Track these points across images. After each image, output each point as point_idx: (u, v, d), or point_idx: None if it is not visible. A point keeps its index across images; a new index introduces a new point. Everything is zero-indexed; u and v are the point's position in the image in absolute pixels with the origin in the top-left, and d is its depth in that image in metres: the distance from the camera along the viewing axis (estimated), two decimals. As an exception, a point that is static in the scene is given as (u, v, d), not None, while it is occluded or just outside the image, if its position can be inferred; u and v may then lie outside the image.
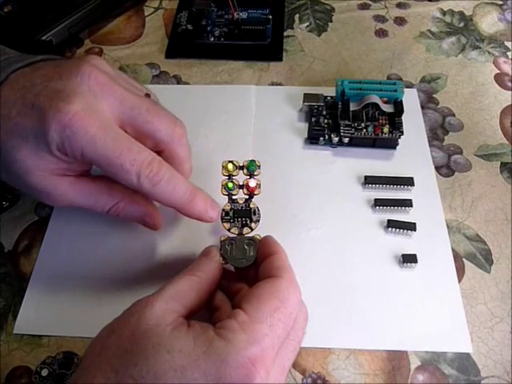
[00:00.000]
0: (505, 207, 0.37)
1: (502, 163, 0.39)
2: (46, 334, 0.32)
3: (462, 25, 0.50)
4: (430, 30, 0.49)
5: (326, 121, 0.40)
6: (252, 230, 0.31)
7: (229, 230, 0.31)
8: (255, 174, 0.32)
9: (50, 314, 0.33)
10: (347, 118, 0.38)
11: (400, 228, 0.35)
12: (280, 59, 0.47)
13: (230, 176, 0.32)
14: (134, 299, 0.29)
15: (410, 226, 0.35)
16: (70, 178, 0.30)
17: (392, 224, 0.35)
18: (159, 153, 0.30)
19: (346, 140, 0.39)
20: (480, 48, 0.47)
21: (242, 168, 0.32)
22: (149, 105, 0.30)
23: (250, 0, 0.50)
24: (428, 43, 0.48)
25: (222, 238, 0.30)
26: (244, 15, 0.49)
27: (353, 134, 0.38)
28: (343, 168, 0.39)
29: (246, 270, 0.29)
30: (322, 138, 0.39)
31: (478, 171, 0.39)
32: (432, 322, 0.32)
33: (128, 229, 0.36)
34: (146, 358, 0.22)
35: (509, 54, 0.47)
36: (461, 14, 0.51)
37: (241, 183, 0.32)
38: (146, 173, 0.28)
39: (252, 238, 0.30)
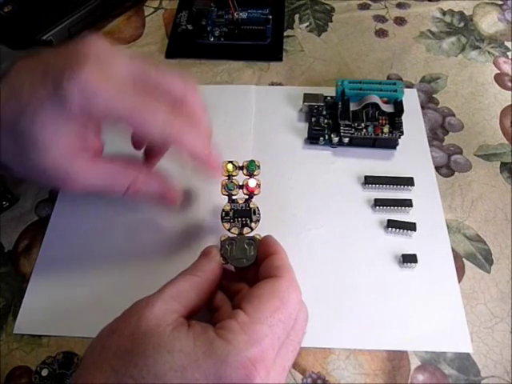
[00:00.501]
0: (505, 207, 0.37)
1: (501, 163, 0.39)
2: (45, 334, 0.32)
3: (461, 25, 0.50)
4: (430, 30, 0.49)
5: (326, 121, 0.40)
6: (252, 229, 0.31)
7: (229, 229, 0.31)
8: (255, 174, 0.32)
9: (50, 313, 0.33)
10: (347, 118, 0.38)
11: (400, 228, 0.35)
12: (280, 59, 0.47)
13: (229, 176, 0.32)
14: (134, 299, 0.29)
15: (410, 226, 0.35)
16: (87, 156, 0.30)
17: (392, 224, 0.35)
18: None
19: (346, 140, 0.39)
20: (480, 48, 0.47)
21: (241, 168, 0.32)
22: (156, 65, 0.31)
23: (249, 0, 0.50)
24: (428, 43, 0.48)
25: (223, 238, 0.30)
26: (244, 15, 0.49)
27: (353, 133, 0.38)
28: (343, 168, 0.39)
29: (246, 270, 0.29)
30: (322, 138, 0.39)
31: (478, 171, 0.39)
32: (432, 322, 0.32)
33: (128, 229, 0.36)
34: (146, 358, 0.22)
35: (509, 53, 0.47)
36: (461, 14, 0.51)
37: (240, 183, 0.32)
38: (171, 119, 0.29)
39: (252, 238, 0.30)
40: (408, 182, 0.37)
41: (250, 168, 0.32)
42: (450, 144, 0.41)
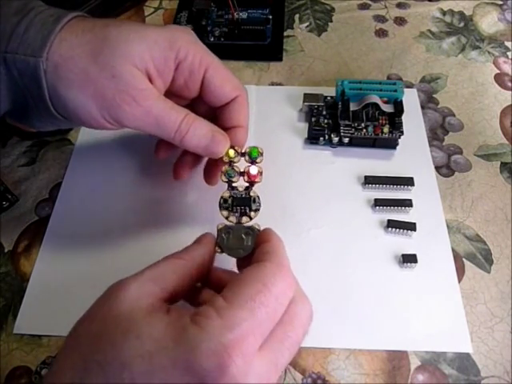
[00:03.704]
0: (505, 207, 0.37)
1: (501, 163, 0.39)
2: (45, 333, 0.32)
3: (462, 25, 0.50)
4: (430, 30, 0.49)
5: (326, 121, 0.40)
6: (251, 219, 0.29)
7: (227, 218, 0.29)
8: (257, 161, 0.31)
9: (50, 314, 0.33)
10: (347, 118, 0.38)
11: (400, 228, 0.35)
12: (280, 59, 0.47)
13: (230, 162, 0.31)
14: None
15: (410, 226, 0.35)
16: (154, 87, 0.30)
17: (392, 224, 0.35)
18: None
19: (346, 140, 0.39)
20: (480, 48, 0.47)
21: (243, 155, 0.31)
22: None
23: (249, 0, 0.50)
24: (428, 43, 0.48)
25: (219, 227, 0.29)
26: (244, 15, 0.49)
27: (353, 133, 0.38)
28: (343, 168, 0.39)
29: (244, 262, 0.28)
30: (322, 138, 0.39)
31: (478, 171, 0.39)
32: (432, 322, 0.32)
33: (127, 229, 0.36)
34: (113, 344, 0.21)
35: (509, 53, 0.47)
36: (461, 13, 0.51)
37: (242, 170, 0.30)
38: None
39: (250, 228, 0.28)
40: (408, 182, 0.37)
41: (253, 155, 0.31)
42: (449, 144, 0.41)
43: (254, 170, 0.30)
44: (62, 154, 0.41)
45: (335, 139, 0.39)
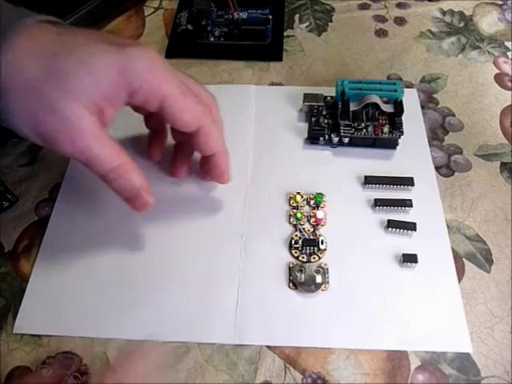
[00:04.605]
0: (505, 207, 0.37)
1: (501, 163, 0.39)
2: (45, 333, 0.32)
3: (462, 25, 0.50)
4: (430, 30, 0.49)
5: (326, 121, 0.40)
6: (320, 258, 0.34)
7: (297, 257, 0.34)
8: (321, 206, 0.36)
9: (50, 314, 0.33)
10: (347, 118, 0.38)
11: (400, 228, 0.35)
12: (280, 59, 0.47)
13: (297, 207, 0.36)
14: (133, 299, 0.29)
15: (410, 226, 0.35)
16: (98, 119, 0.29)
17: (392, 224, 0.35)
18: None
19: (346, 140, 0.39)
20: (480, 48, 0.47)
21: (308, 201, 0.36)
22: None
23: (249, 0, 0.50)
24: (428, 43, 0.48)
25: (292, 265, 0.33)
26: (244, 15, 0.49)
27: (353, 134, 0.38)
28: (343, 168, 0.39)
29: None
30: (322, 138, 0.39)
31: (478, 171, 0.39)
32: (432, 322, 0.32)
33: (127, 228, 0.36)
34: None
35: (509, 53, 0.47)
36: (461, 13, 0.51)
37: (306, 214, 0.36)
38: (207, 111, 0.31)
39: (320, 266, 0.33)
40: (408, 181, 0.37)
41: (318, 200, 0.36)
42: (449, 144, 0.41)
43: (320, 214, 0.35)
44: (62, 153, 0.41)
45: (335, 139, 0.39)
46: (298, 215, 0.35)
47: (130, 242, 0.36)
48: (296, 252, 0.34)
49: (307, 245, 0.34)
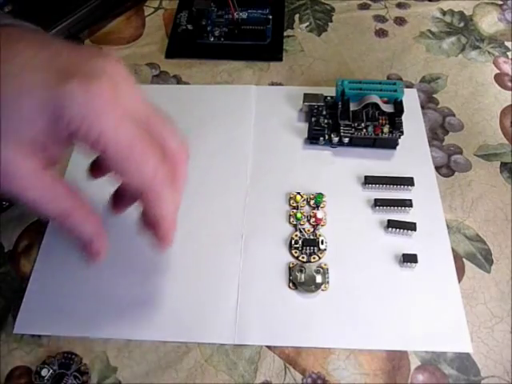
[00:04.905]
0: (505, 207, 0.37)
1: (502, 163, 0.39)
2: (45, 333, 0.32)
3: (462, 25, 0.50)
4: (430, 30, 0.49)
5: (325, 121, 0.40)
6: (319, 258, 0.34)
7: (297, 257, 0.34)
8: (321, 206, 0.36)
9: (50, 313, 0.33)
10: (347, 118, 0.38)
11: (400, 228, 0.35)
12: (280, 59, 0.47)
13: (297, 207, 0.36)
14: (133, 299, 0.29)
15: (410, 226, 0.35)
16: (39, 161, 0.24)
17: (392, 224, 0.35)
18: None
19: (346, 140, 0.39)
20: (480, 48, 0.47)
21: (308, 201, 0.36)
22: (161, 114, 0.28)
23: (249, 0, 0.50)
24: (428, 43, 0.48)
25: (292, 265, 0.33)
26: (244, 15, 0.49)
27: (353, 134, 0.38)
28: (343, 168, 0.39)
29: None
30: (322, 138, 0.39)
31: (478, 171, 0.39)
32: (432, 322, 0.32)
33: (127, 228, 0.36)
34: None
35: (509, 53, 0.47)
36: (461, 14, 0.51)
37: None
38: (160, 171, 0.25)
39: (320, 266, 0.33)
40: (408, 181, 0.37)
41: (318, 200, 0.36)
42: (450, 144, 0.41)
43: (320, 214, 0.35)
44: (61, 154, 0.41)
45: (335, 139, 0.39)
46: (298, 215, 0.35)
47: (130, 241, 0.36)
48: (296, 252, 0.34)
49: (307, 245, 0.34)
